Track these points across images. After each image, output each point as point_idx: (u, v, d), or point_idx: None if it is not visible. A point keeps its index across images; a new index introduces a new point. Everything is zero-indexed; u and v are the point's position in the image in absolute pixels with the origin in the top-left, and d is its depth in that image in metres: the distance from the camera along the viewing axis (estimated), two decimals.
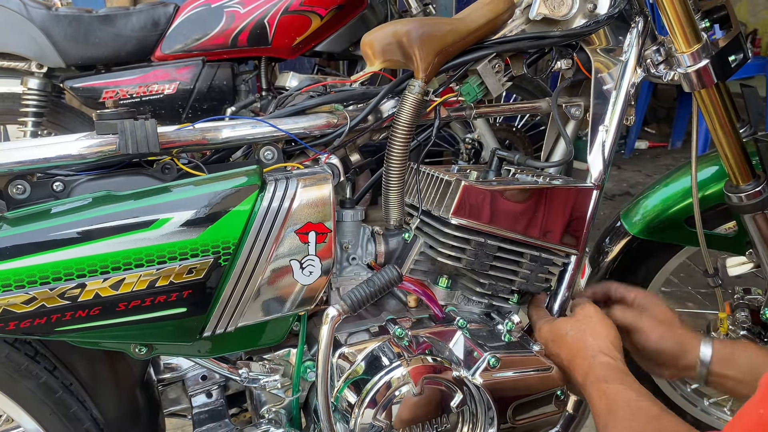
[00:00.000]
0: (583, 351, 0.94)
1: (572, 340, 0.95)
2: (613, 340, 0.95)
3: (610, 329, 0.97)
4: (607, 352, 0.93)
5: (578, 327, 0.96)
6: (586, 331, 0.96)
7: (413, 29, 0.96)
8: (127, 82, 2.09)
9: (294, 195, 0.83)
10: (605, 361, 0.91)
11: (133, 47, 2.09)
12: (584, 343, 0.94)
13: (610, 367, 0.89)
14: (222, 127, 0.91)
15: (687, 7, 1.00)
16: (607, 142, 1.06)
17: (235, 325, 0.86)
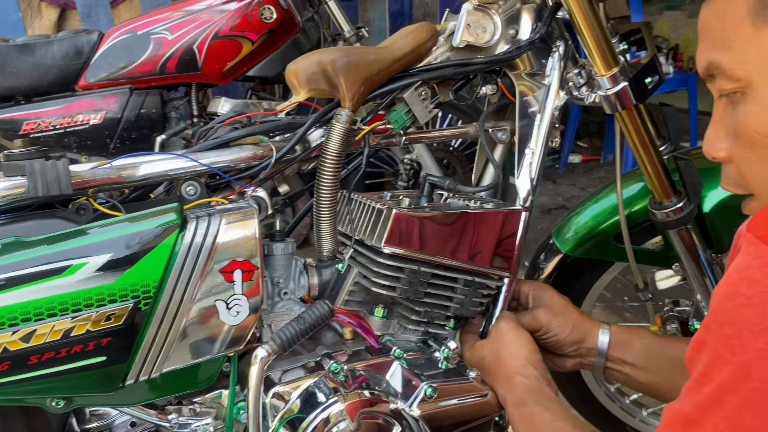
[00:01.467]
0: (501, 374, 0.94)
1: (490, 363, 0.96)
2: (527, 356, 0.94)
3: (524, 343, 0.96)
4: (523, 372, 0.92)
5: (493, 348, 0.96)
6: (501, 350, 0.96)
7: (338, 58, 0.95)
8: (50, 113, 2.01)
9: (217, 232, 0.81)
10: (521, 382, 0.91)
11: (54, 77, 2.02)
12: (501, 366, 0.94)
13: (526, 387, 0.89)
14: (140, 164, 0.87)
15: (604, 32, 1.03)
16: (533, 164, 1.08)
17: (159, 371, 0.82)
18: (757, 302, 0.45)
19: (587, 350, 1.04)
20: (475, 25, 1.05)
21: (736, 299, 0.46)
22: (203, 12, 2.11)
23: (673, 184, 1.14)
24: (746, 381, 0.45)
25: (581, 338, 1.03)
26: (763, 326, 0.44)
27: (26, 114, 2.00)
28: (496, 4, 1.06)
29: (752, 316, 0.45)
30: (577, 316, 1.05)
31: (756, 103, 0.59)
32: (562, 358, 1.06)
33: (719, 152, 0.66)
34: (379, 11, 3.18)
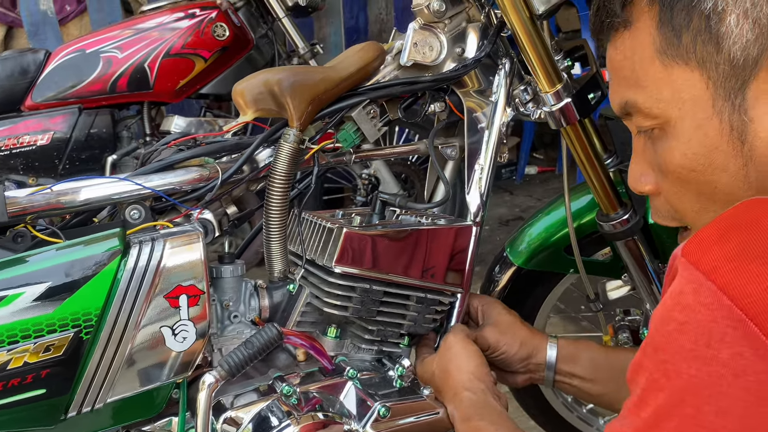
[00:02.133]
0: (449, 389, 0.94)
1: (438, 378, 0.96)
2: (473, 370, 0.94)
3: (471, 357, 0.96)
4: (470, 386, 0.92)
5: (441, 363, 0.97)
6: (449, 365, 0.96)
7: (284, 78, 0.95)
8: None
9: (161, 257, 0.79)
10: (467, 396, 0.91)
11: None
12: (448, 380, 0.94)
13: (473, 402, 0.89)
14: (81, 188, 0.85)
15: (547, 50, 1.05)
16: (483, 179, 1.09)
17: (104, 401, 0.80)
18: (689, 329, 0.45)
19: (536, 365, 1.04)
20: (421, 43, 1.06)
21: (671, 324, 0.46)
22: (154, 30, 2.09)
23: (619, 196, 1.16)
24: (680, 407, 0.45)
25: (529, 354, 1.04)
26: (695, 353, 0.44)
27: None
28: (442, 23, 1.07)
29: (685, 342, 0.45)
30: (525, 332, 1.05)
31: (676, 139, 0.59)
32: (512, 374, 1.07)
33: (645, 186, 0.66)
34: (334, 27, 3.19)
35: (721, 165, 0.57)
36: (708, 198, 0.60)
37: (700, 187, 0.59)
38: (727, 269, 0.44)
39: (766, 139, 0.54)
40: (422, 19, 1.06)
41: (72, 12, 2.98)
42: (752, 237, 0.45)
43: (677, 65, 0.57)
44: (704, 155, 0.57)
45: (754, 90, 0.54)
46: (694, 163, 0.58)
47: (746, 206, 0.49)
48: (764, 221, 0.45)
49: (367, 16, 3.22)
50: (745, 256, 0.44)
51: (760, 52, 0.53)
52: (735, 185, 0.57)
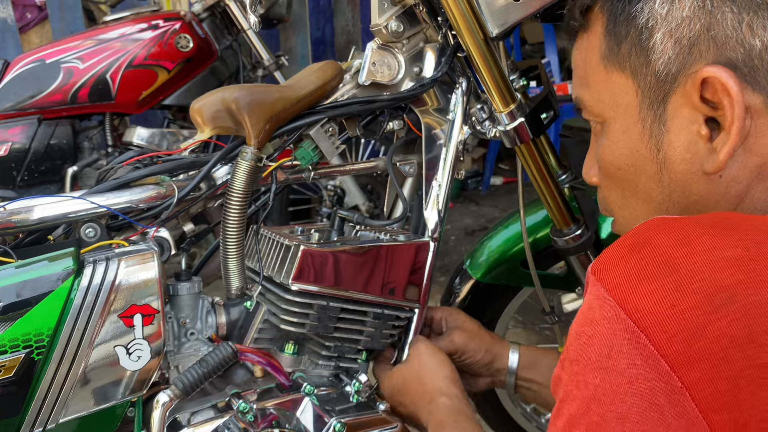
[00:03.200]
0: (423, 396, 0.96)
1: (411, 386, 0.98)
2: (447, 374, 0.97)
3: (443, 363, 0.99)
4: (446, 392, 0.95)
5: (412, 371, 0.99)
6: (421, 371, 0.98)
7: (242, 96, 0.96)
8: None
9: (115, 276, 0.79)
10: (442, 402, 0.93)
11: None
12: (422, 388, 0.96)
13: (447, 409, 0.92)
14: (34, 207, 0.85)
15: (501, 71, 1.07)
16: (440, 196, 1.11)
17: (56, 421, 0.79)
18: (596, 341, 0.47)
19: (498, 370, 1.09)
20: (379, 63, 1.08)
21: (581, 338, 0.49)
22: (117, 40, 2.08)
23: (572, 212, 1.20)
24: (587, 415, 0.48)
25: (493, 359, 1.08)
26: (600, 364, 0.47)
27: None
28: (400, 44, 1.09)
29: (592, 354, 0.48)
30: (489, 338, 1.11)
31: (608, 137, 0.65)
32: (475, 378, 1.11)
33: (591, 177, 0.72)
34: (301, 38, 3.20)
35: (641, 167, 0.62)
36: (630, 194, 0.65)
37: (624, 184, 0.65)
38: (627, 287, 0.47)
39: (678, 149, 0.59)
40: (380, 39, 1.08)
41: (33, 20, 2.94)
42: (648, 257, 0.48)
43: (616, 71, 0.62)
44: (628, 156, 0.63)
45: (673, 103, 0.58)
46: (619, 161, 0.64)
47: (646, 227, 0.52)
48: (659, 242, 0.48)
49: (334, 28, 3.24)
50: (641, 275, 0.47)
51: (678, 69, 0.57)
52: (651, 187, 0.62)
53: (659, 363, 0.44)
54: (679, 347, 0.44)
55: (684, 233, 0.48)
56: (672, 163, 0.60)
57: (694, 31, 0.56)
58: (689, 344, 0.44)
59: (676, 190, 0.61)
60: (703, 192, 0.59)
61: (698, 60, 0.56)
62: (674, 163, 0.59)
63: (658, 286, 0.46)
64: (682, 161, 0.59)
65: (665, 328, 0.44)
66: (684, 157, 0.59)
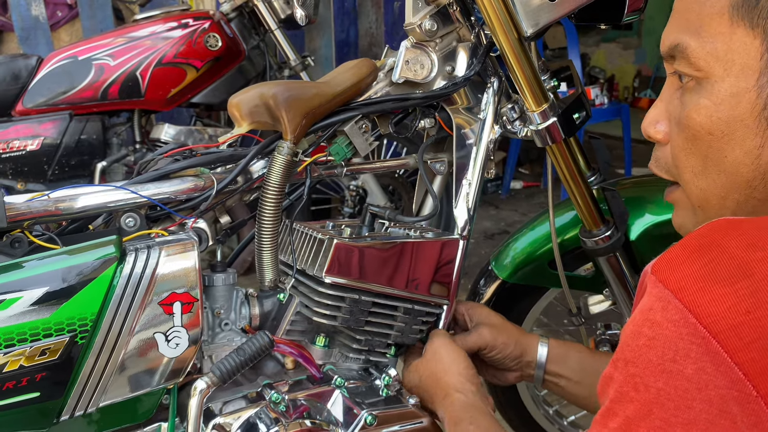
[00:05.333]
0: (438, 392, 0.96)
1: (427, 382, 0.98)
2: (462, 371, 0.97)
3: (458, 359, 0.99)
4: (460, 388, 0.95)
5: (429, 367, 0.99)
6: (437, 368, 0.98)
7: (279, 92, 0.98)
8: None
9: (156, 264, 0.81)
10: (457, 398, 0.93)
11: None
12: (437, 383, 0.97)
13: (462, 404, 0.92)
14: (78, 196, 0.87)
15: (534, 70, 1.08)
16: (470, 194, 1.12)
17: (96, 405, 0.81)
18: (658, 344, 0.46)
19: (527, 363, 1.08)
20: (413, 61, 1.09)
21: (640, 339, 0.47)
22: (147, 38, 2.11)
23: (601, 213, 1.20)
24: (649, 419, 0.47)
25: (522, 352, 1.08)
26: (662, 367, 0.46)
27: None
28: (433, 42, 1.10)
29: (654, 357, 0.46)
30: (517, 331, 1.11)
31: (708, 97, 0.57)
32: (504, 372, 1.11)
33: (657, 133, 0.65)
34: (325, 40, 3.22)
35: (739, 139, 0.56)
36: (714, 165, 0.59)
37: (711, 152, 0.58)
38: (694, 289, 0.45)
39: None
40: (414, 37, 1.09)
41: (63, 18, 2.99)
42: (717, 259, 0.46)
43: (743, 27, 0.55)
44: (727, 123, 0.56)
45: None
46: (714, 126, 0.57)
47: (713, 228, 0.50)
48: (729, 244, 0.46)
49: (358, 30, 3.26)
50: (711, 278, 0.45)
51: None
52: (744, 162, 0.56)
53: (732, 370, 0.43)
54: (756, 355, 0.42)
55: (758, 235, 0.46)
56: None
57: None
58: (767, 353, 0.42)
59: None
60: None
61: None
62: None
63: (732, 291, 0.44)
64: None
65: (740, 334, 0.43)
66: None
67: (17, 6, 2.64)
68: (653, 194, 1.29)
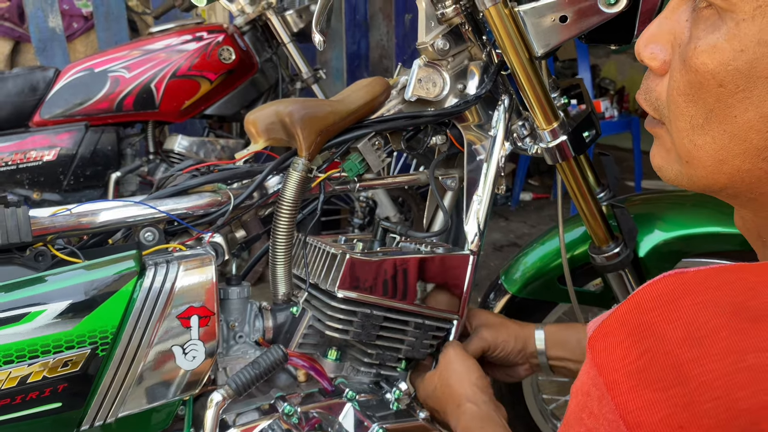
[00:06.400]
0: (451, 402, 0.98)
1: (440, 393, 1.00)
2: (475, 381, 0.99)
3: (470, 368, 1.00)
4: (472, 398, 0.96)
5: (442, 377, 1.01)
6: (450, 378, 1.00)
7: (295, 110, 1.00)
8: (2, 149, 2.00)
9: (175, 279, 0.83)
10: (469, 408, 0.94)
11: (8, 113, 2.01)
12: (450, 394, 0.98)
13: (474, 415, 0.93)
14: (100, 211, 0.89)
15: (545, 89, 1.10)
16: (481, 210, 1.14)
17: (115, 415, 0.83)
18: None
19: (531, 354, 1.10)
20: (425, 80, 1.11)
21: (581, 427, 0.43)
22: (162, 51, 2.14)
23: (610, 230, 1.21)
24: None
25: (523, 345, 1.10)
26: None
27: None
28: (445, 61, 1.12)
29: None
30: (515, 325, 1.13)
31: (729, 39, 0.45)
32: (513, 368, 1.13)
33: (652, 59, 0.52)
34: (336, 52, 3.25)
35: (758, 99, 0.45)
36: (719, 122, 0.48)
37: (719, 107, 0.47)
38: (626, 388, 0.40)
39: None
40: (427, 56, 1.11)
41: (79, 29, 3.04)
42: (652, 352, 0.40)
43: None
44: (747, 78, 0.45)
45: None
46: (729, 78, 0.46)
47: (655, 298, 0.42)
48: (666, 334, 0.40)
49: (369, 42, 3.29)
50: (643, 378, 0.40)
51: None
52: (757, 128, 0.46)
53: None
54: None
55: (696, 325, 0.39)
56: None
57: None
58: None
59: None
60: None
61: None
62: None
63: (664, 398, 0.38)
64: None
65: None
66: None
67: (35, 18, 2.68)
68: (662, 211, 1.30)
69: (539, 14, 1.04)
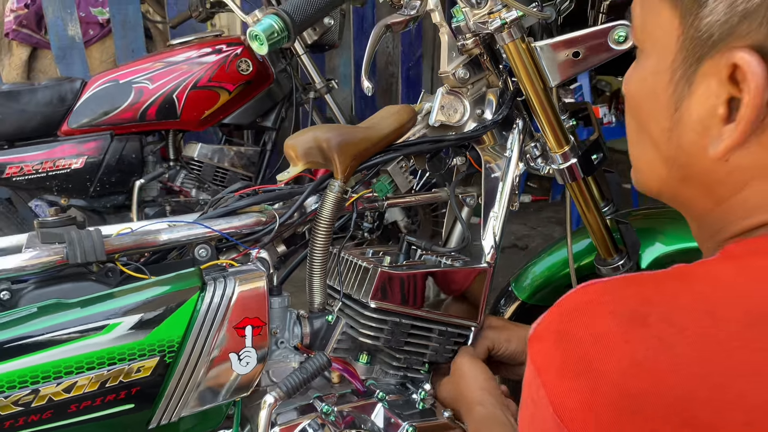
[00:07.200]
0: (463, 406, 1.07)
1: (453, 398, 1.10)
2: (483, 385, 1.08)
3: (479, 374, 1.10)
4: (480, 400, 1.05)
5: (453, 382, 1.11)
6: (460, 383, 1.10)
7: (332, 137, 1.10)
8: (32, 158, 2.09)
9: (232, 294, 0.93)
10: (478, 411, 1.04)
11: (38, 123, 2.10)
12: (462, 398, 1.08)
13: (482, 416, 1.02)
14: (161, 231, 0.99)
15: (557, 116, 1.20)
16: (497, 226, 1.24)
17: (178, 415, 0.93)
18: (536, 422, 0.50)
19: None
20: (447, 106, 1.21)
21: (527, 409, 0.51)
22: (183, 63, 2.23)
23: (615, 243, 1.32)
24: None
25: (525, 345, 1.19)
26: None
27: (9, 158, 2.07)
28: (465, 88, 1.22)
29: None
30: (516, 327, 1.23)
31: (639, 70, 0.60)
32: (519, 367, 1.22)
33: None
34: (344, 59, 3.35)
35: (657, 116, 0.58)
36: (645, 134, 0.61)
37: (641, 120, 0.61)
38: (553, 379, 0.49)
39: (693, 117, 0.55)
40: (449, 84, 1.21)
41: (95, 36, 3.13)
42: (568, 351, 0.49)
43: (669, 5, 0.55)
44: (650, 99, 0.59)
45: (704, 69, 0.53)
46: (642, 99, 0.60)
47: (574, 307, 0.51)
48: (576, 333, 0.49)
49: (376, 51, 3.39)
50: (564, 371, 0.48)
51: (721, 37, 0.52)
52: (662, 139, 0.59)
53: None
54: None
55: (602, 328, 0.48)
56: (683, 128, 0.56)
57: (753, 3, 0.49)
58: None
59: (681, 155, 0.58)
60: (705, 168, 0.56)
61: (744, 36, 0.50)
62: (685, 128, 0.56)
63: (577, 386, 0.47)
64: (693, 131, 0.55)
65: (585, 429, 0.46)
66: (695, 128, 0.55)
67: (54, 26, 2.77)
68: (663, 225, 1.40)
69: (554, 50, 1.14)
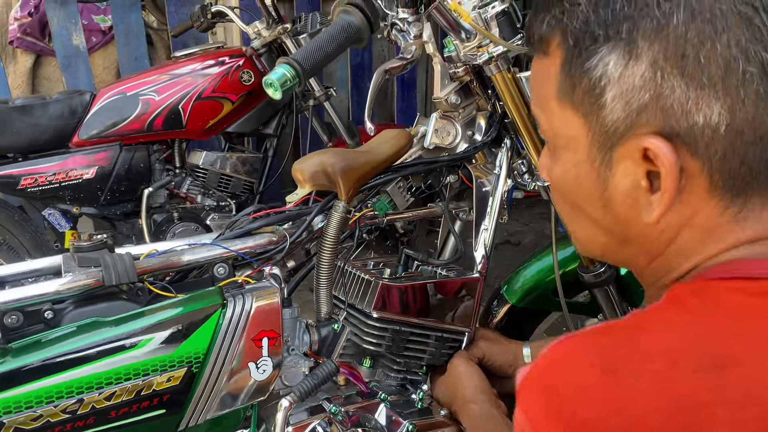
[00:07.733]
0: (457, 404, 1.18)
1: (449, 397, 1.21)
2: (477, 384, 1.18)
3: (473, 374, 1.20)
4: (473, 399, 1.16)
5: (449, 383, 1.22)
6: (455, 383, 1.21)
7: (337, 162, 1.20)
8: (45, 169, 2.18)
9: (250, 309, 1.04)
10: (472, 408, 1.15)
11: (50, 135, 2.19)
12: (456, 397, 1.19)
13: (476, 414, 1.13)
14: (184, 252, 1.09)
15: (540, 137, 1.31)
16: (488, 238, 1.35)
17: (204, 419, 1.04)
18: None
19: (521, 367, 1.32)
20: (441, 130, 1.32)
21: None
22: (188, 75, 2.33)
23: None
24: None
25: (514, 358, 1.31)
26: None
27: (24, 170, 2.16)
28: (457, 112, 1.33)
29: None
30: (507, 342, 1.34)
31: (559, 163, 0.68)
32: (508, 380, 1.33)
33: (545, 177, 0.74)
34: (341, 63, 3.44)
35: (588, 198, 0.65)
36: (578, 212, 0.68)
37: (572, 203, 0.69)
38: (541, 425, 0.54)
39: (621, 193, 0.62)
40: (441, 109, 1.32)
41: (98, 43, 3.21)
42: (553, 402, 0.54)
43: (570, 109, 0.63)
44: (577, 186, 0.66)
45: (619, 154, 0.61)
46: (568, 187, 0.67)
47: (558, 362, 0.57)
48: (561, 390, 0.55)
49: (372, 54, 3.48)
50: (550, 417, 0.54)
51: (626, 129, 0.59)
52: (597, 216, 0.66)
53: None
54: None
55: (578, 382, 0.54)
56: (615, 203, 0.63)
57: (644, 99, 0.57)
58: None
59: (618, 225, 0.65)
60: (641, 231, 0.63)
61: (645, 125, 0.58)
62: (617, 203, 0.63)
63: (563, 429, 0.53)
64: (624, 204, 0.62)
65: None
66: (625, 201, 0.62)
67: (59, 36, 2.85)
68: None
69: None
